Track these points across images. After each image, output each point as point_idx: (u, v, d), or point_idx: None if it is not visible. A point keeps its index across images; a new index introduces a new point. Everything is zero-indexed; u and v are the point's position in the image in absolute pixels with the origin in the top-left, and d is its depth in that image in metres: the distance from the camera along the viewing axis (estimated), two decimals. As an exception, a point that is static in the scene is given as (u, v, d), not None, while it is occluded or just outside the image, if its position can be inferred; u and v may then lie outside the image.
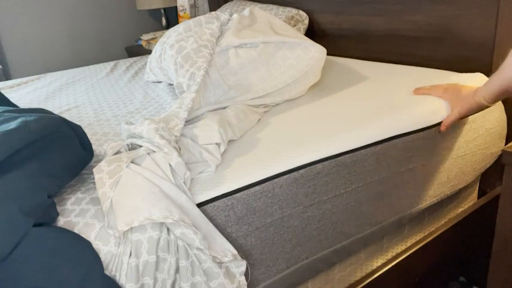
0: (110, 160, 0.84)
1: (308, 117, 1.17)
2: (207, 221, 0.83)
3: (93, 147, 1.03)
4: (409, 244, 1.29)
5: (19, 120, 0.84)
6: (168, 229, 0.78)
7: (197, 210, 0.82)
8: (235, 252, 0.84)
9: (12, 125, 0.82)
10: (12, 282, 0.68)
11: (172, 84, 1.55)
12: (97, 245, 0.75)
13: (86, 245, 0.74)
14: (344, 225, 1.05)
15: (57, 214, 0.78)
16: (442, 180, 1.23)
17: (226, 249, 0.83)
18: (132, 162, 0.85)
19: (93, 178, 0.86)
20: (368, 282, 1.15)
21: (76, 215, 0.79)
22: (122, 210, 0.76)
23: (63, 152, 0.86)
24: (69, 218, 0.78)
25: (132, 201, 0.77)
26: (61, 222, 0.77)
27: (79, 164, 0.90)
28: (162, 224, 0.77)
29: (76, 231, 0.76)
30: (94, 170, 0.84)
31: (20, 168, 0.76)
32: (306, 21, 1.89)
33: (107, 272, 0.74)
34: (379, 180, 1.08)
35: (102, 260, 0.74)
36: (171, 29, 1.53)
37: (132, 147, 0.95)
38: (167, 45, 1.39)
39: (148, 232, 0.76)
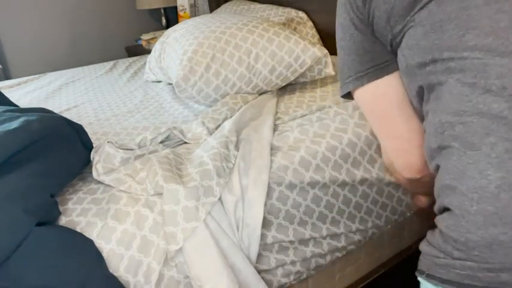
0: (188, 192, 0.83)
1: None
2: (258, 281, 0.86)
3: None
4: (409, 243, 1.29)
5: (21, 119, 0.85)
6: None
7: (250, 270, 0.86)
8: None
9: (14, 124, 0.82)
10: (16, 281, 0.68)
11: (171, 84, 1.55)
12: (99, 243, 0.75)
13: (89, 244, 0.75)
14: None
15: (59, 213, 0.78)
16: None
17: None
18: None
19: (93, 175, 0.87)
20: (368, 282, 1.15)
21: (78, 214, 0.79)
22: (193, 267, 0.80)
23: (65, 152, 0.86)
24: (71, 217, 0.78)
25: (200, 260, 0.80)
26: (63, 221, 0.78)
27: (80, 164, 0.90)
28: None
29: (78, 230, 0.76)
30: (169, 191, 0.82)
31: (22, 168, 0.76)
32: (309, 23, 1.89)
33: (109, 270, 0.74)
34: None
35: (104, 258, 0.75)
36: (170, 29, 1.53)
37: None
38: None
39: None
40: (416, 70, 0.58)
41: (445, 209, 0.55)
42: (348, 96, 0.72)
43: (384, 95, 0.67)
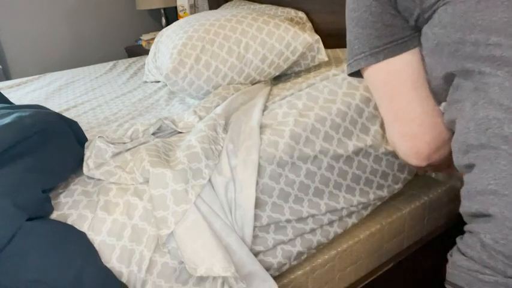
0: (176, 174, 0.82)
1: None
2: (253, 261, 0.85)
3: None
4: (409, 243, 1.27)
5: (14, 115, 0.85)
6: None
7: (245, 250, 0.85)
8: None
9: (7, 120, 0.83)
10: (8, 276, 0.68)
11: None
12: (90, 235, 0.76)
13: (81, 236, 0.75)
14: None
15: (52, 209, 0.78)
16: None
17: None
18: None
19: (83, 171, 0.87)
20: (368, 282, 1.14)
21: (69, 207, 0.79)
22: (185, 250, 0.80)
23: (58, 147, 0.86)
24: (62, 211, 0.79)
25: (193, 243, 0.80)
26: (54, 215, 0.78)
27: (75, 160, 0.90)
28: None
29: (69, 223, 0.76)
30: (156, 175, 0.82)
31: (14, 163, 0.76)
32: (308, 24, 1.88)
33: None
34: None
35: (96, 249, 0.75)
36: (164, 29, 1.54)
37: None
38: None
39: None
40: (448, 51, 0.52)
41: (483, 215, 0.50)
42: (356, 74, 0.66)
43: (399, 74, 0.61)
